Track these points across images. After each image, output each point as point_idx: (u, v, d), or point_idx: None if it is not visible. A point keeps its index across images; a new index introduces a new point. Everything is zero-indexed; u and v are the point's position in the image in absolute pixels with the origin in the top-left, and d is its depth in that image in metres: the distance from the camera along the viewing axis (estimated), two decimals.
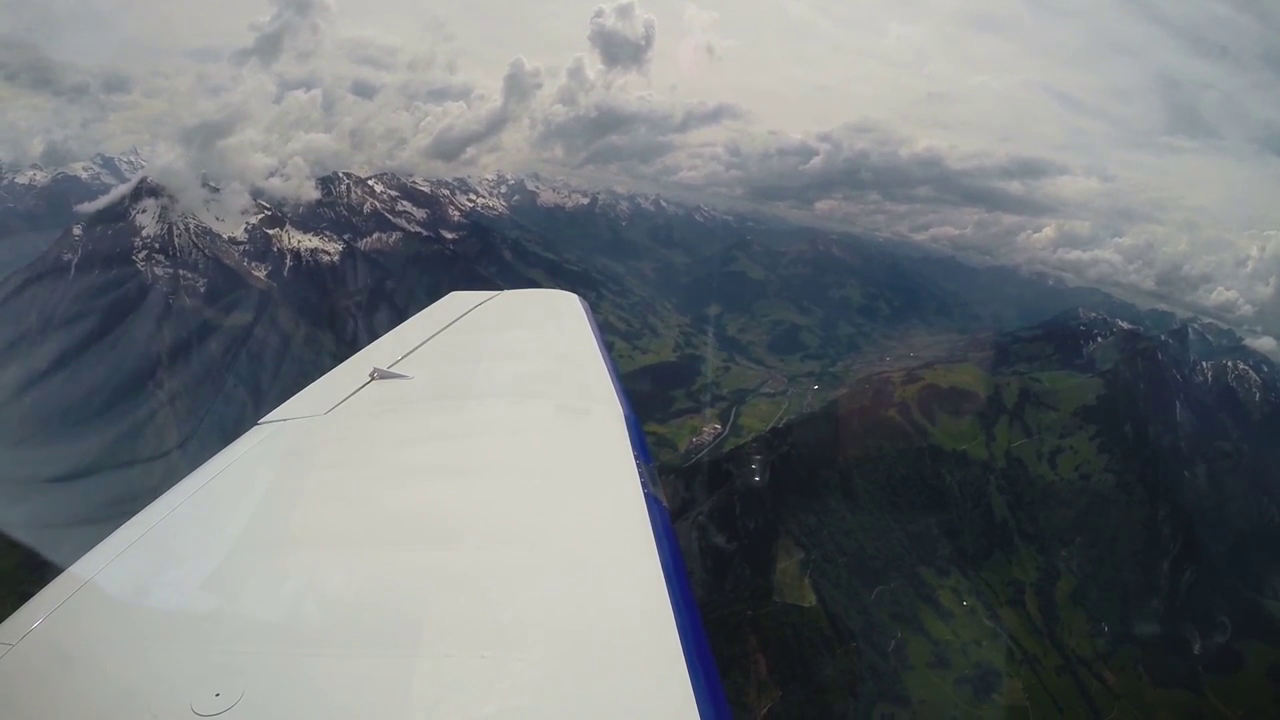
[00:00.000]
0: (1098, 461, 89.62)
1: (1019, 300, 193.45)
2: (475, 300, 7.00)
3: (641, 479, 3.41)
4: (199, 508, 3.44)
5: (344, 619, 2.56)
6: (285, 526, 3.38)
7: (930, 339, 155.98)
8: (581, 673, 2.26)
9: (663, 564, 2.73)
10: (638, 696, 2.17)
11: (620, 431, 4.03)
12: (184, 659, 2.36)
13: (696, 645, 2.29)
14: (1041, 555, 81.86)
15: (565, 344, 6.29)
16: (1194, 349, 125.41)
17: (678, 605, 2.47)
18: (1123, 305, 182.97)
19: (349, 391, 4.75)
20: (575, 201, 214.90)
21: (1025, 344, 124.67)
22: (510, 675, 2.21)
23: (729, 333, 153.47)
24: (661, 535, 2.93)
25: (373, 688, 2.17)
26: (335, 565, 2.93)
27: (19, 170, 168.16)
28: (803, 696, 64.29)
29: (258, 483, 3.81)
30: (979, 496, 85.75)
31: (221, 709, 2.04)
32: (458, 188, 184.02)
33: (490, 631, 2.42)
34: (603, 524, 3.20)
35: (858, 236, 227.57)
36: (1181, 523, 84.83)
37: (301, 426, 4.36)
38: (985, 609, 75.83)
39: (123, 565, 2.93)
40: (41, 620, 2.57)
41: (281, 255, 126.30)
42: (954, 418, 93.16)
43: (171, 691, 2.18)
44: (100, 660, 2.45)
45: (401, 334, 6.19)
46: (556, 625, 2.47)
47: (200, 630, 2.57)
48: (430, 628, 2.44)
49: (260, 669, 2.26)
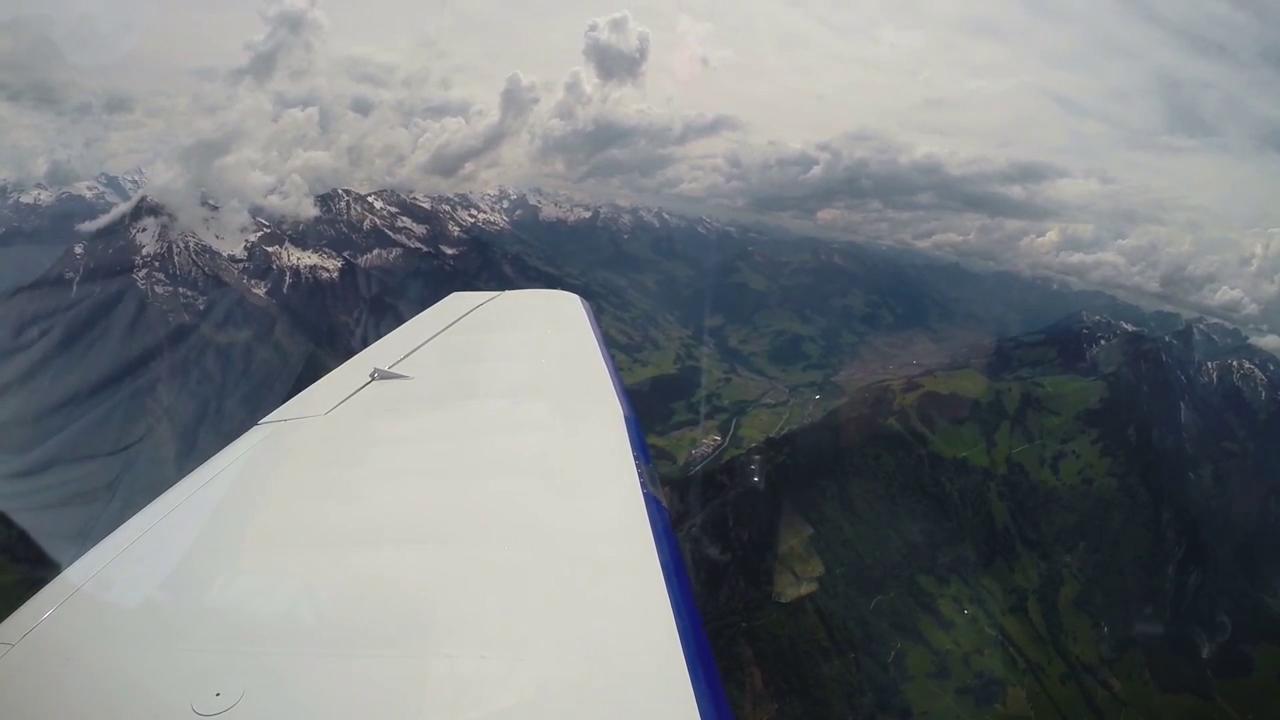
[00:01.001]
0: (1100, 465, 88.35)
1: (1023, 305, 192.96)
2: (476, 301, 7.04)
3: (641, 479, 3.41)
4: (199, 508, 3.44)
5: (344, 619, 2.55)
6: (285, 526, 3.36)
7: (934, 346, 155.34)
8: (582, 673, 2.25)
9: (663, 564, 2.71)
10: (638, 697, 2.15)
11: (620, 432, 4.04)
12: (184, 659, 2.34)
13: (697, 645, 2.27)
14: (1044, 561, 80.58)
15: (565, 344, 6.32)
16: (1199, 349, 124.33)
17: (678, 606, 2.45)
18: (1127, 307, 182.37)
19: (349, 391, 4.77)
20: (577, 215, 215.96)
21: (1028, 349, 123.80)
22: (511, 675, 2.21)
23: (730, 344, 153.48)
24: (661, 536, 2.91)
25: (373, 688, 2.15)
26: (335, 565, 2.91)
27: (24, 190, 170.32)
28: (799, 709, 63.24)
29: (258, 483, 3.82)
30: (979, 503, 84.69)
31: (221, 709, 2.03)
32: (459, 203, 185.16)
33: (490, 631, 2.41)
34: (603, 524, 3.21)
35: (860, 245, 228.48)
36: (1186, 525, 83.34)
37: (302, 426, 4.38)
38: (987, 617, 74.60)
39: (123, 565, 2.93)
40: (41, 620, 2.55)
41: (281, 273, 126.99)
42: (954, 425, 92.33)
43: (171, 691, 2.16)
44: (100, 660, 2.42)
45: (402, 334, 6.21)
46: (557, 625, 2.46)
47: (200, 630, 2.56)
48: (430, 628, 2.45)
49: (260, 669, 2.24)
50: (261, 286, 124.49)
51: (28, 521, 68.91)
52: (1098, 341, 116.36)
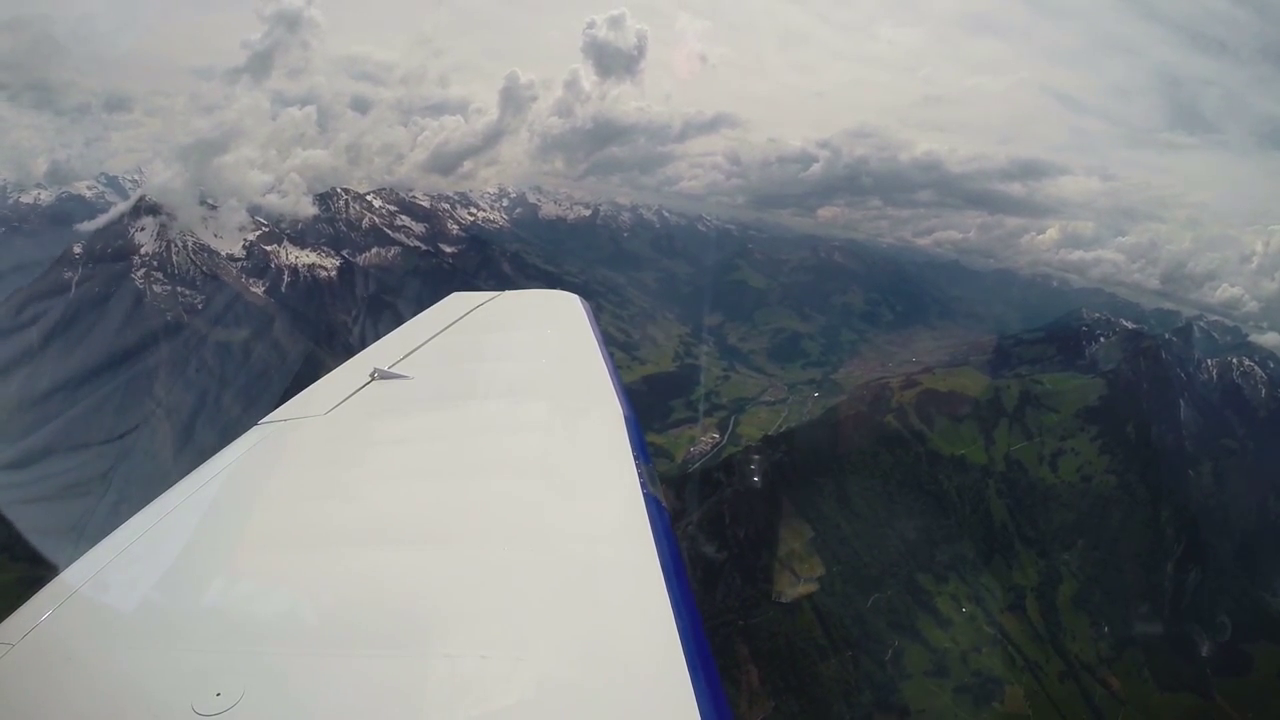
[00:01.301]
0: (1099, 463, 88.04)
1: (1023, 303, 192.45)
2: (476, 301, 7.06)
3: (641, 479, 3.40)
4: (199, 507, 3.44)
5: (344, 619, 2.53)
6: (285, 526, 3.36)
7: (934, 344, 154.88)
8: (582, 673, 2.25)
9: (663, 564, 2.69)
10: (638, 697, 2.15)
11: (620, 432, 4.04)
12: (184, 659, 2.34)
13: (697, 645, 2.27)
14: (1043, 559, 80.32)
15: (565, 344, 6.32)
16: (1199, 347, 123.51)
17: (678, 606, 2.44)
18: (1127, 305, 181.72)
19: (349, 391, 4.77)
20: (577, 214, 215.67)
21: (1027, 346, 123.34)
22: (511, 675, 2.20)
23: (730, 341, 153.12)
24: (661, 536, 2.90)
25: (373, 688, 2.16)
26: (335, 565, 2.90)
27: (24, 190, 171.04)
28: (796, 707, 63.14)
29: (258, 483, 3.82)
30: (978, 501, 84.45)
31: (221, 709, 2.03)
32: (458, 202, 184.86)
33: (490, 631, 2.41)
34: (603, 524, 3.20)
35: (861, 243, 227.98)
36: (1185, 523, 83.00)
37: (301, 426, 4.38)
38: (985, 615, 74.42)
39: (123, 565, 2.92)
40: (41, 620, 2.54)
41: (279, 271, 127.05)
42: (953, 422, 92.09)
43: (171, 691, 2.16)
44: (100, 660, 2.41)
45: (402, 334, 6.22)
46: (557, 625, 2.45)
47: (200, 630, 2.55)
48: (430, 628, 2.44)
49: (260, 669, 2.24)
50: (260, 285, 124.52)
51: (23, 515, 69.12)
52: (1097, 339, 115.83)
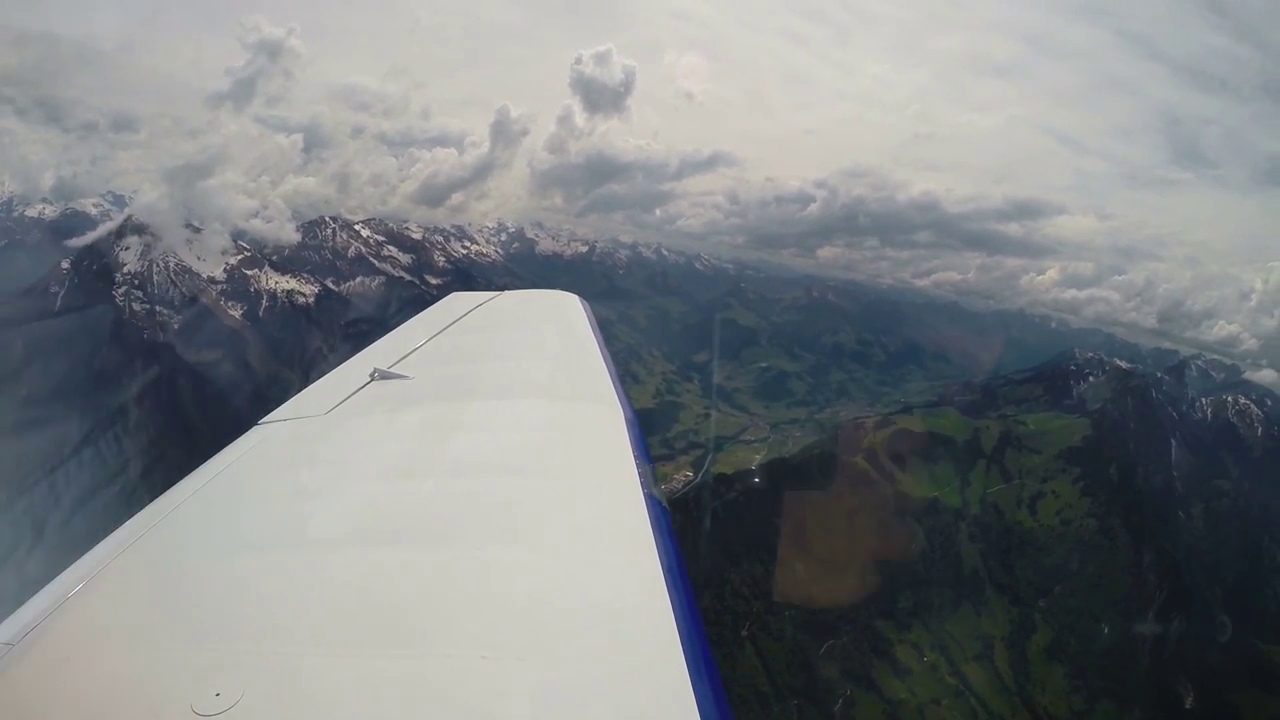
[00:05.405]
0: (1080, 505, 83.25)
1: (1020, 343, 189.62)
2: (475, 301, 7.03)
3: (641, 479, 3.34)
4: (199, 507, 3.38)
5: (344, 619, 2.49)
6: (285, 526, 3.30)
7: (925, 384, 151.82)
8: (582, 673, 2.22)
9: (663, 564, 2.65)
10: (638, 696, 2.12)
11: (620, 431, 3.97)
12: (184, 659, 2.30)
13: (697, 645, 2.22)
14: (1015, 606, 75.33)
15: (566, 344, 6.29)
16: (1193, 385, 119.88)
17: (678, 605, 2.41)
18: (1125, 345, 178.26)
19: (349, 391, 4.74)
20: (574, 250, 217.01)
21: (1015, 386, 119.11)
22: (510, 675, 2.18)
23: (716, 379, 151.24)
24: (661, 536, 2.83)
25: (373, 688, 2.13)
26: (335, 565, 2.83)
27: (29, 203, 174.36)
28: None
29: (258, 483, 3.74)
30: (948, 545, 79.98)
31: (221, 709, 2.02)
32: (454, 235, 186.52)
33: (490, 631, 2.38)
34: (603, 524, 3.12)
35: (859, 283, 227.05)
36: (1169, 567, 77.35)
37: (301, 426, 4.36)
38: (948, 665, 69.58)
39: (123, 565, 2.88)
40: (42, 620, 2.50)
41: (258, 296, 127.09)
42: (927, 463, 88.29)
43: (171, 691, 2.14)
44: (100, 660, 2.37)
45: (402, 334, 6.18)
46: (556, 625, 2.42)
47: (200, 630, 2.50)
48: (431, 628, 2.41)
49: (260, 669, 2.22)
50: (238, 309, 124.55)
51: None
52: (1086, 378, 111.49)
